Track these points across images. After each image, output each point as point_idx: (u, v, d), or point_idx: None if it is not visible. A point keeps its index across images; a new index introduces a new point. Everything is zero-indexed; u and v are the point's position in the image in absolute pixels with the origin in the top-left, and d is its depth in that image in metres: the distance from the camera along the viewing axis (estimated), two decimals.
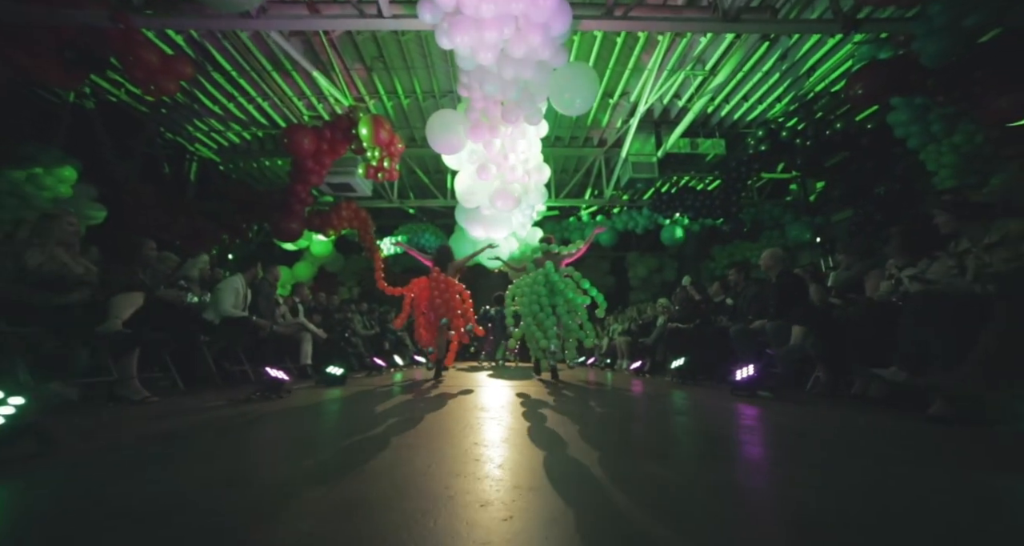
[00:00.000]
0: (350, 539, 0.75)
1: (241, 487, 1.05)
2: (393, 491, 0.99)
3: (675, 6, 4.85)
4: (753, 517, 0.87)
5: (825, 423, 1.89)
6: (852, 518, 0.86)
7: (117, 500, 0.97)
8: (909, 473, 1.17)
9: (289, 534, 0.77)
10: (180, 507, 0.92)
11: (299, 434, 1.76)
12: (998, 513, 0.91)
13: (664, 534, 0.77)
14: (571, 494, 0.97)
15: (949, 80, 4.35)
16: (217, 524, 0.83)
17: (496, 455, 1.31)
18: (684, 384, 3.64)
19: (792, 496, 1.00)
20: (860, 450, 1.42)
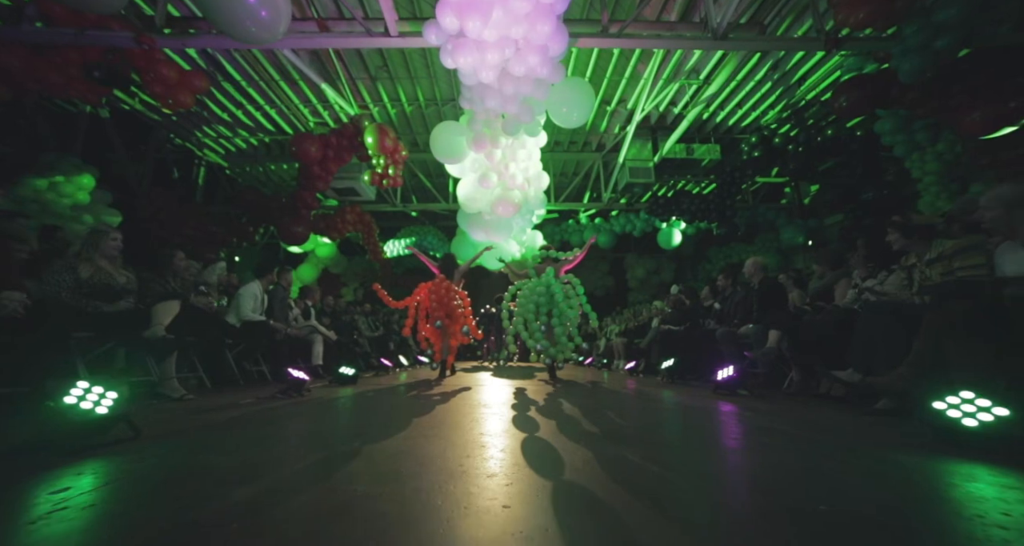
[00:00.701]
0: (394, 498, 1.04)
1: (297, 462, 1.35)
2: (419, 467, 1.29)
3: (668, 22, 5.13)
4: (698, 481, 1.17)
5: (786, 417, 2.18)
6: (781, 483, 1.16)
7: (204, 467, 1.27)
8: (832, 453, 1.46)
9: (348, 493, 1.07)
10: (253, 472, 1.22)
11: (330, 425, 2.06)
12: (878, 476, 1.20)
13: (627, 497, 1.06)
14: (559, 469, 1.27)
15: (927, 94, 4.62)
16: (290, 485, 1.12)
17: (498, 442, 1.61)
18: (673, 383, 3.94)
19: (741, 471, 1.29)
20: (804, 439, 1.71)
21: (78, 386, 1.44)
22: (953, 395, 1.45)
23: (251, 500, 1.03)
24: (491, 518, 0.91)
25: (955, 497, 1.07)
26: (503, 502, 1.01)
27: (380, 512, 0.94)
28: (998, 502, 1.01)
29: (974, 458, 1.33)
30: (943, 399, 1.47)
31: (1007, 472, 1.21)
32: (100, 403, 1.47)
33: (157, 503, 1.05)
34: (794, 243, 8.00)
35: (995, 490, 1.09)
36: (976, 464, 1.28)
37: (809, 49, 4.85)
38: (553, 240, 9.60)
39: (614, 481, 1.17)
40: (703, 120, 7.47)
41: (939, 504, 1.04)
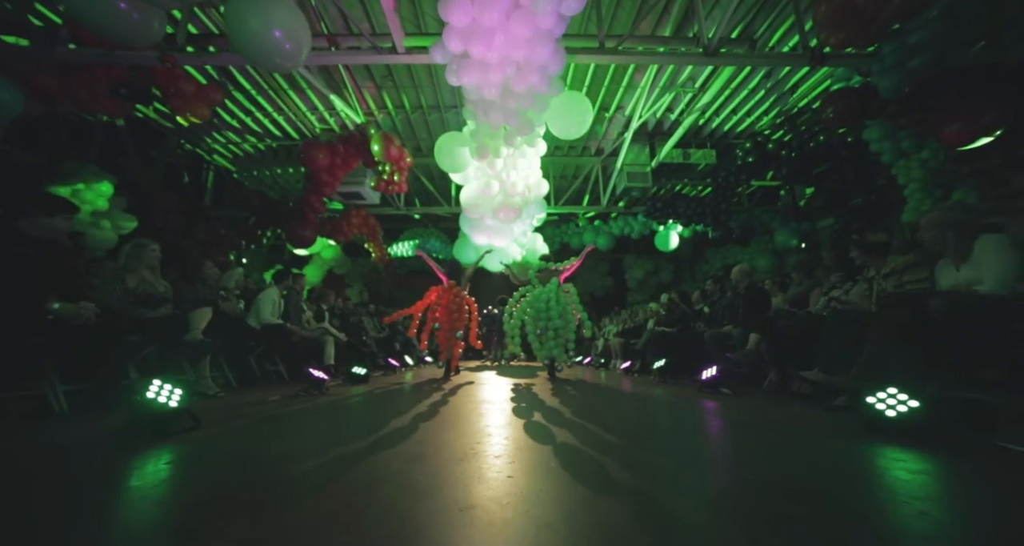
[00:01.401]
0: (423, 472, 1.36)
1: (336, 448, 1.67)
2: (437, 450, 1.61)
3: (663, 36, 5.43)
4: (670, 458, 1.48)
5: (756, 412, 2.50)
6: (739, 461, 1.47)
7: (262, 451, 1.59)
8: (786, 441, 1.78)
9: (385, 469, 1.38)
10: (303, 455, 1.54)
11: (354, 418, 2.38)
12: (814, 456, 1.52)
13: (609, 468, 1.38)
14: (554, 451, 1.59)
15: (908, 107, 4.91)
16: (337, 464, 1.44)
17: (502, 431, 1.93)
18: (664, 382, 4.26)
19: (709, 451, 1.61)
20: (767, 430, 2.03)
21: (154, 383, 1.76)
22: (881, 391, 1.76)
23: (311, 474, 1.35)
24: (498, 485, 1.23)
25: (866, 468, 1.39)
26: (508, 474, 1.33)
27: (414, 481, 1.26)
28: (903, 474, 1.33)
29: (891, 441, 1.65)
30: (874, 394, 1.78)
31: (910, 449, 1.53)
32: (171, 398, 1.79)
33: (236, 476, 1.37)
34: (788, 245, 8.30)
35: (902, 465, 1.41)
36: (891, 447, 1.60)
37: (795, 65, 5.14)
38: (553, 242, 9.91)
39: (600, 459, 1.49)
40: (699, 126, 7.76)
41: (851, 473, 1.36)
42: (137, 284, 2.80)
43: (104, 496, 1.17)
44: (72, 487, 1.24)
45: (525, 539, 0.88)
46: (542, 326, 4.32)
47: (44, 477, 1.33)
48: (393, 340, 6.82)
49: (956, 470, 1.36)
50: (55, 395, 2.16)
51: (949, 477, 1.30)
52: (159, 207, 6.88)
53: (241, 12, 2.81)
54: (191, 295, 3.24)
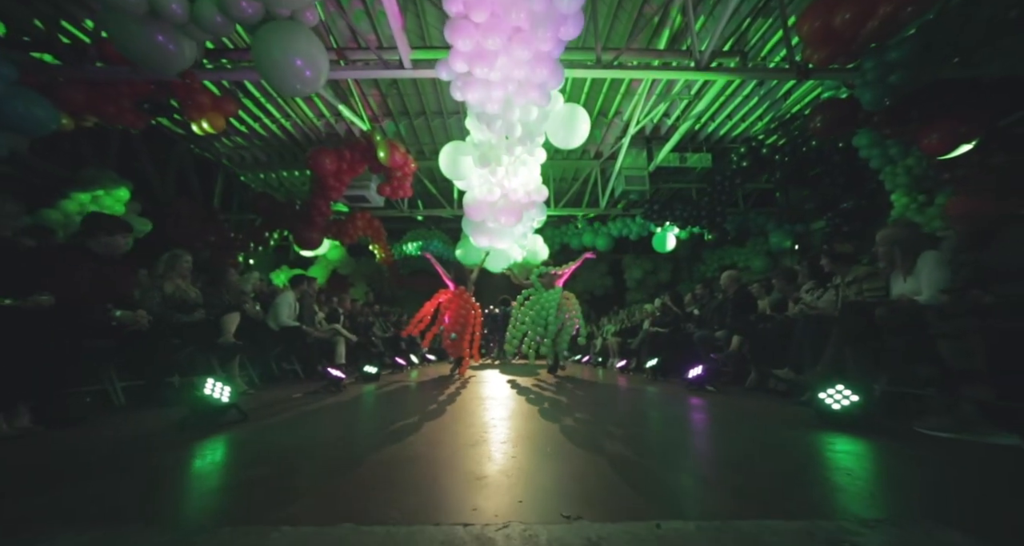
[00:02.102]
0: (443, 453, 1.69)
1: (365, 435, 2.00)
2: (452, 437, 1.94)
3: (657, 49, 5.72)
4: (654, 439, 1.81)
5: (733, 407, 2.83)
6: (711, 445, 1.80)
7: (302, 438, 1.92)
8: (752, 428, 2.11)
9: (412, 451, 1.71)
10: (339, 441, 1.87)
11: (374, 411, 2.71)
12: (771, 440, 1.84)
13: (600, 446, 1.71)
14: (553, 436, 1.92)
15: (891, 118, 5.21)
16: (370, 447, 1.77)
17: (506, 422, 2.26)
18: (656, 380, 4.59)
19: (687, 436, 1.94)
20: (739, 420, 2.36)
21: (209, 381, 2.09)
22: (830, 388, 2.09)
23: (349, 455, 1.69)
24: (505, 462, 1.56)
25: (805, 448, 1.72)
26: (512, 455, 1.66)
27: (437, 460, 1.59)
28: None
29: (835, 429, 1.98)
30: (824, 391, 2.11)
31: (848, 435, 1.85)
32: (223, 394, 2.13)
33: (286, 457, 1.70)
34: (782, 247, 8.61)
35: (835, 446, 1.74)
36: (834, 433, 1.93)
37: (782, 78, 5.43)
38: (553, 243, 10.22)
39: (589, 444, 1.82)
40: (695, 131, 8.05)
41: (800, 453, 1.69)
42: (173, 291, 3.13)
43: (183, 472, 1.50)
44: (164, 463, 1.57)
45: (525, 497, 1.21)
46: (540, 332, 4.69)
47: (139, 456, 1.66)
48: (399, 340, 7.15)
49: (876, 449, 1.69)
50: (115, 390, 2.48)
51: (868, 454, 1.63)
52: (172, 211, 7.20)
53: (267, 42, 3.12)
54: (219, 301, 3.57)
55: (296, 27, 3.14)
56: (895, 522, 1.01)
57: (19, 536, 0.94)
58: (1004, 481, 1.40)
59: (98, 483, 1.35)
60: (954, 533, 0.95)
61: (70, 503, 1.17)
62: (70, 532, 0.95)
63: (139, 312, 2.46)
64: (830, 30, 4.18)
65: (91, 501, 1.18)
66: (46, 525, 0.99)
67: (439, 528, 0.99)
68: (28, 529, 0.98)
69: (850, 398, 2.02)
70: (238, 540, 0.92)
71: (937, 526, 0.99)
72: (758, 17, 5.71)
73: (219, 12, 2.95)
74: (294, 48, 3.14)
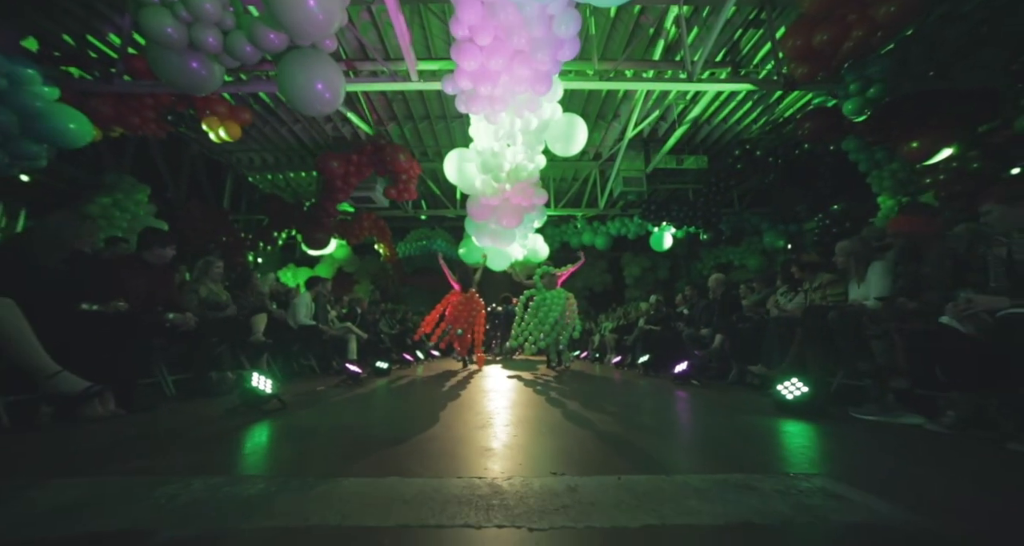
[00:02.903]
0: (457, 433, 2.08)
1: (390, 420, 2.39)
2: (463, 422, 2.34)
3: (652, 60, 6.06)
4: (637, 420, 2.20)
5: (711, 398, 3.23)
6: (685, 426, 2.20)
7: (336, 423, 2.32)
8: (722, 414, 2.51)
9: (430, 433, 2.11)
10: (368, 426, 2.26)
11: (391, 402, 3.11)
12: (736, 423, 2.24)
13: (592, 426, 2.11)
14: (550, 420, 2.32)
15: (874, 126, 5.56)
16: (390, 431, 2.17)
17: (508, 410, 2.66)
18: (647, 375, 4.99)
19: (664, 420, 2.34)
20: (711, 408, 2.75)
21: (255, 375, 2.49)
22: (786, 381, 2.48)
23: (378, 436, 2.09)
24: (508, 439, 1.96)
25: (757, 429, 2.12)
26: (514, 434, 2.06)
27: (452, 438, 1.99)
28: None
29: (787, 416, 2.37)
30: (780, 383, 2.50)
31: (796, 420, 2.24)
32: (266, 386, 2.52)
33: (326, 437, 2.10)
34: (775, 246, 8.98)
35: (814, 433, 2.13)
36: (785, 419, 2.32)
37: (770, 89, 5.77)
38: (554, 241, 10.59)
39: (582, 423, 2.21)
40: (691, 134, 8.38)
41: (754, 432, 2.08)
42: (207, 294, 3.52)
43: (255, 443, 1.90)
44: (234, 437, 1.96)
45: (524, 461, 1.60)
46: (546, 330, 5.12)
47: (210, 431, 2.06)
48: (405, 336, 7.56)
49: (816, 429, 2.08)
50: (166, 382, 2.88)
51: (809, 433, 2.02)
52: (186, 213, 7.59)
53: (291, 69, 3.48)
54: (246, 302, 3.97)
55: (317, 54, 3.51)
56: (810, 478, 1.41)
57: (154, 479, 1.33)
58: (896, 449, 1.80)
59: (189, 450, 1.74)
60: (843, 485, 1.34)
61: (179, 461, 1.56)
62: (193, 478, 1.34)
63: (187, 314, 2.85)
64: (810, 48, 4.52)
65: (194, 461, 1.58)
66: (166, 476, 1.38)
67: (461, 479, 1.38)
68: (156, 476, 1.37)
69: (801, 389, 2.41)
70: (320, 485, 1.32)
71: (829, 480, 1.38)
72: (749, 28, 6.04)
73: (249, 43, 3.31)
74: (316, 74, 3.51)
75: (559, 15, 3.56)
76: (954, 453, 1.75)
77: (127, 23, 5.01)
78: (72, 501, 1.18)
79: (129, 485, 1.30)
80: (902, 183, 6.53)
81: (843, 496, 1.22)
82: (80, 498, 1.20)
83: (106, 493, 1.23)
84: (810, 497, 1.21)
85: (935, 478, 1.47)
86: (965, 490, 1.35)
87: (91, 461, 1.60)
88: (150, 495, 1.21)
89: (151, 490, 1.24)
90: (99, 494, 1.22)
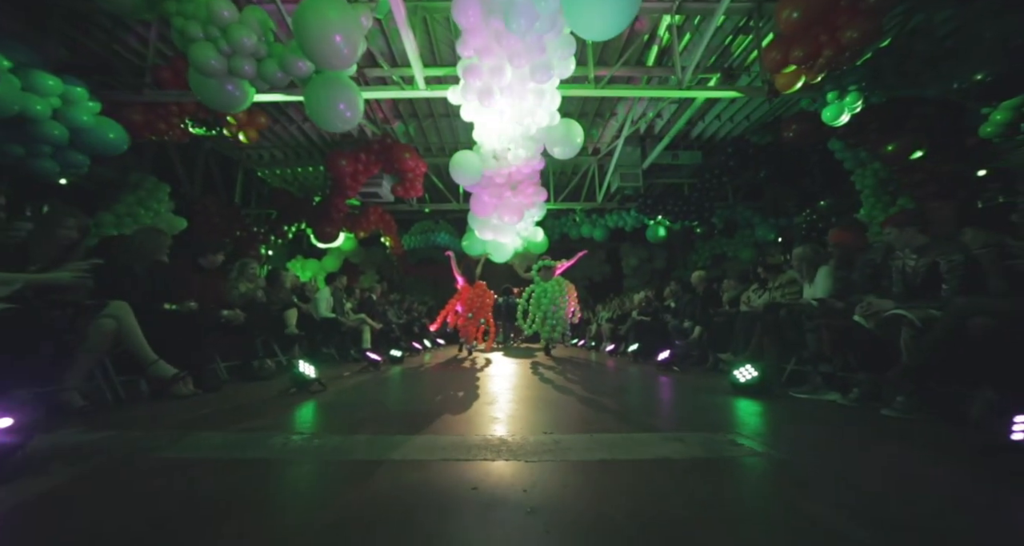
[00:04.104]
0: (469, 408, 2.68)
1: (412, 398, 2.99)
2: (473, 398, 2.93)
3: (646, 66, 6.51)
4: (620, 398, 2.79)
5: (684, 381, 3.82)
6: (660, 402, 2.80)
7: (371, 400, 2.92)
8: (693, 394, 3.10)
9: (446, 406, 2.70)
10: (396, 402, 2.86)
11: (411, 384, 3.71)
12: (700, 400, 2.82)
13: (580, 400, 2.70)
14: (546, 398, 2.91)
15: (853, 130, 6.04)
16: (414, 405, 2.76)
17: (510, 391, 3.26)
18: (635, 362, 5.60)
19: (642, 397, 2.94)
20: (682, 388, 3.34)
21: (301, 362, 3.07)
22: (741, 367, 3.06)
23: (407, 409, 2.68)
24: (511, 410, 2.55)
25: (735, 409, 2.71)
26: (515, 407, 2.65)
27: (466, 410, 2.59)
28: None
29: (740, 395, 2.96)
30: (736, 369, 3.08)
31: (746, 398, 2.83)
32: (310, 371, 3.11)
33: (363, 411, 2.70)
34: (767, 239, 9.51)
35: (752, 408, 2.72)
36: (737, 397, 2.90)
37: (754, 96, 6.22)
38: (553, 232, 11.11)
39: (571, 399, 2.81)
40: (687, 130, 8.84)
41: (711, 406, 2.67)
42: (245, 291, 4.10)
43: (315, 413, 2.49)
44: (298, 410, 2.55)
45: (523, 425, 2.18)
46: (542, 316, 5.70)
47: (275, 405, 2.64)
48: (412, 325, 8.16)
49: (760, 405, 2.67)
50: (221, 370, 3.47)
51: (753, 408, 2.60)
52: (201, 209, 8.11)
53: (316, 92, 3.99)
54: (276, 298, 4.55)
55: (340, 79, 4.01)
56: (726, 435, 1.99)
57: (263, 435, 1.91)
58: (804, 417, 2.38)
59: (267, 417, 2.33)
60: (746, 438, 1.92)
61: (264, 425, 2.15)
62: (288, 434, 1.93)
63: (236, 311, 3.42)
64: (788, 62, 4.97)
65: (275, 424, 2.17)
66: (268, 432, 1.97)
67: (478, 436, 1.97)
68: (261, 433, 1.96)
69: (752, 374, 2.99)
70: (377, 439, 1.90)
71: (739, 436, 1.96)
72: (739, 34, 6.46)
73: (280, 70, 3.81)
74: (338, 96, 4.01)
75: (554, 42, 4.05)
76: (842, 418, 2.35)
77: (153, 34, 5.47)
78: (224, 443, 1.77)
79: (250, 437, 1.89)
80: (883, 182, 7.02)
81: (742, 444, 1.81)
82: (227, 441, 1.79)
83: (240, 441, 1.83)
84: (719, 445, 1.80)
85: (814, 433, 2.08)
86: (825, 438, 1.95)
87: (208, 424, 2.18)
88: (268, 443, 1.80)
89: (266, 440, 1.84)
90: (236, 441, 1.82)
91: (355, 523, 1.10)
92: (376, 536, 1.04)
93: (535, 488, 1.31)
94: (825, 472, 1.51)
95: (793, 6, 4.27)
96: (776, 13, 4.51)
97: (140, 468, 1.51)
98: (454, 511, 1.17)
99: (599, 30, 3.48)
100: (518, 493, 1.27)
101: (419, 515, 1.14)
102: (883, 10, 4.12)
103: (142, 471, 1.48)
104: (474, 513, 1.16)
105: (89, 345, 2.20)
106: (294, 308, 4.30)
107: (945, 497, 1.30)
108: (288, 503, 1.24)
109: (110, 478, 1.41)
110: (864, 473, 1.52)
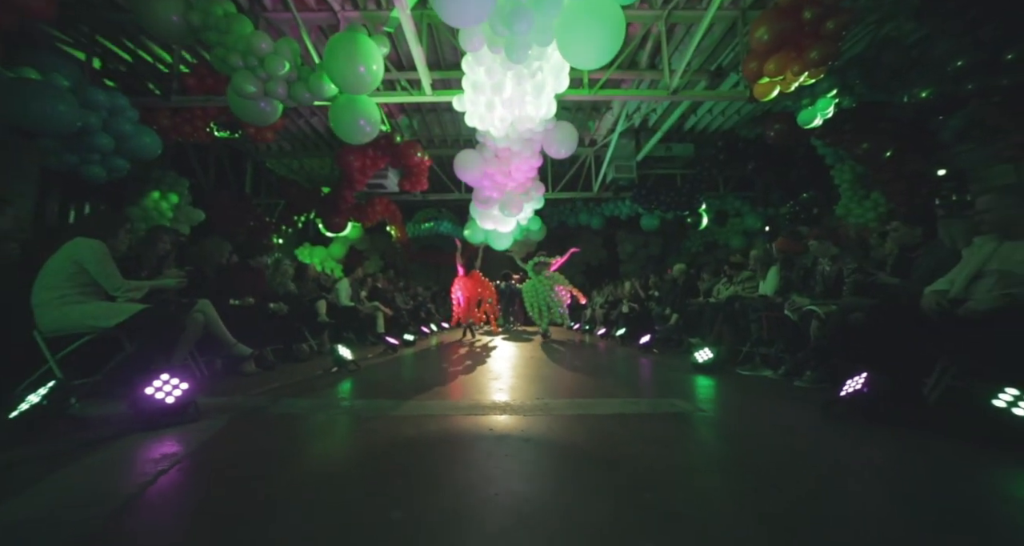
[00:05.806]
0: (479, 381, 3.45)
1: (430, 374, 3.77)
2: (481, 374, 3.71)
3: (638, 69, 7.09)
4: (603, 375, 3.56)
5: (660, 361, 4.59)
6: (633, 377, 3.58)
7: (398, 375, 3.69)
8: (663, 371, 3.88)
9: (459, 381, 3.48)
10: (414, 377, 3.64)
11: (426, 363, 4.48)
12: (666, 377, 3.59)
13: (571, 375, 3.48)
14: (543, 374, 3.69)
15: (829, 130, 6.68)
16: (432, 378, 3.53)
17: (512, 368, 4.04)
18: (623, 345, 6.39)
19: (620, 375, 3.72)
20: (655, 367, 4.12)
21: (340, 347, 3.83)
22: (700, 349, 3.82)
23: (428, 382, 3.46)
24: (513, 384, 3.33)
25: (688, 383, 3.49)
26: (516, 382, 3.43)
27: (476, 383, 3.37)
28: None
29: (697, 373, 3.73)
30: (697, 351, 3.84)
31: (702, 375, 3.59)
32: (348, 354, 3.87)
33: (394, 383, 3.47)
34: (755, 228, 10.21)
35: (703, 382, 3.51)
36: (695, 375, 3.68)
37: (737, 99, 6.83)
38: (552, 220, 11.80)
39: (564, 375, 3.58)
40: (679, 123, 9.42)
41: (674, 380, 3.44)
42: (282, 283, 4.83)
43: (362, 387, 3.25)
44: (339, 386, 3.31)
45: (522, 395, 2.95)
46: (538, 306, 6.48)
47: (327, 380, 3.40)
48: (419, 310, 8.93)
49: (711, 380, 3.43)
50: (268, 352, 4.24)
51: (706, 382, 3.37)
52: (216, 201, 8.77)
53: (340, 110, 4.63)
54: (305, 290, 5.28)
55: (360, 100, 4.64)
56: (669, 399, 2.76)
57: (316, 401, 2.67)
58: (737, 388, 3.15)
59: (326, 390, 3.09)
60: (683, 401, 2.69)
61: (328, 393, 2.90)
62: (351, 399, 2.68)
63: (281, 304, 4.16)
64: (763, 73, 5.58)
65: (335, 394, 2.93)
66: (329, 398, 2.72)
67: (488, 400, 2.73)
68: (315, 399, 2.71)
69: (708, 355, 3.75)
70: (424, 404, 2.66)
71: (679, 399, 2.72)
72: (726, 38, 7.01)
73: (308, 92, 4.45)
74: (360, 113, 4.66)
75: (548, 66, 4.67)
76: (766, 389, 3.12)
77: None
78: (310, 406, 2.54)
79: (323, 401, 2.66)
80: (860, 177, 7.69)
81: (679, 404, 2.58)
82: (312, 405, 2.56)
83: (323, 403, 2.60)
84: (662, 406, 2.57)
85: (740, 399, 2.86)
86: (746, 402, 2.73)
87: (288, 393, 2.94)
88: (339, 404, 2.56)
89: (336, 403, 2.60)
90: (315, 404, 2.59)
91: (422, 443, 1.86)
92: (435, 450, 1.80)
93: (530, 429, 2.08)
94: (730, 421, 2.28)
95: (765, 28, 4.87)
96: (751, 32, 5.11)
97: (265, 418, 2.27)
98: (480, 438, 1.94)
99: (589, 62, 4.11)
100: (519, 432, 2.04)
101: (464, 439, 1.91)
102: (840, 35, 4.71)
103: (267, 420, 2.25)
104: (492, 439, 1.93)
105: (187, 334, 2.93)
106: (323, 299, 5.04)
107: (794, 430, 2.08)
108: (367, 436, 2.01)
109: (251, 423, 2.18)
110: (754, 421, 2.29)
